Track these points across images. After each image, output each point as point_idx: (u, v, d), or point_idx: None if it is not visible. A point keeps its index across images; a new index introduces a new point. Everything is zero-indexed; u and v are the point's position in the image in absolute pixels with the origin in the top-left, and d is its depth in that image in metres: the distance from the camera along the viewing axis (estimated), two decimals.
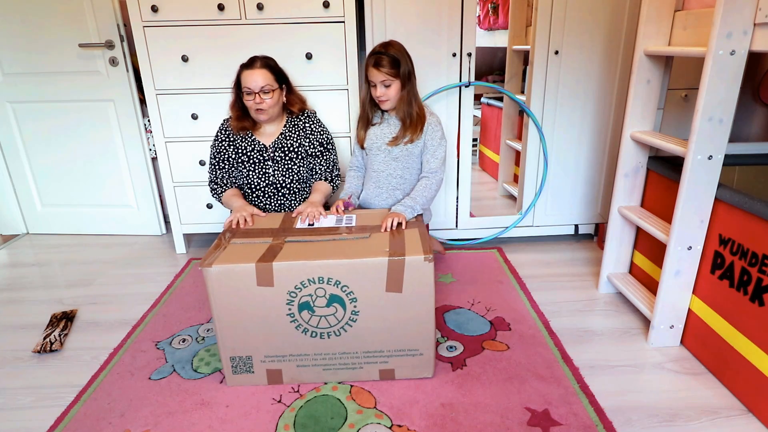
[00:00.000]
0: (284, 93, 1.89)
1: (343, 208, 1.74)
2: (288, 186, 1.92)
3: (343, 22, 2.06)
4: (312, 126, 1.95)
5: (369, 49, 2.08)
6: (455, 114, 2.22)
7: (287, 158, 1.90)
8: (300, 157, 1.91)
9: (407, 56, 1.73)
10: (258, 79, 1.78)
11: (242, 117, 1.88)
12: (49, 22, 2.35)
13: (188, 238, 2.58)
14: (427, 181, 1.78)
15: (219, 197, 1.93)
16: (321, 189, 1.91)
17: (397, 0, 2.03)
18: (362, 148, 1.89)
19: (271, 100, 1.81)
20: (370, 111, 1.83)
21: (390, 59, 1.68)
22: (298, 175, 1.92)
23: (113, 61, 2.39)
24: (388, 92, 1.72)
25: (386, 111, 1.82)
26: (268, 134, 1.91)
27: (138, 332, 1.81)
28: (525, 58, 2.86)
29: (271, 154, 1.89)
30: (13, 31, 2.38)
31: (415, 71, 1.77)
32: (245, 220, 1.66)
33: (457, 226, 2.42)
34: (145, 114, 2.51)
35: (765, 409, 1.33)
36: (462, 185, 2.34)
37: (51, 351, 1.71)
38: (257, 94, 1.78)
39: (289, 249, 1.43)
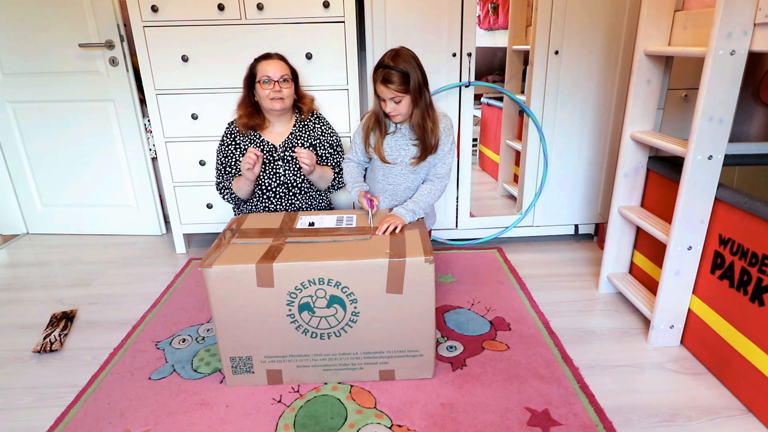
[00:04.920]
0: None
1: (371, 201, 1.66)
2: (299, 185, 1.91)
3: (343, 22, 2.06)
4: (323, 128, 1.95)
5: (369, 49, 2.08)
6: (455, 114, 2.22)
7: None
8: None
9: (417, 65, 1.58)
10: (278, 68, 1.80)
11: (253, 114, 1.87)
12: (49, 22, 2.35)
13: (188, 238, 2.58)
14: (432, 186, 1.72)
15: (230, 192, 1.91)
16: (325, 167, 1.92)
17: (397, 0, 2.03)
18: (384, 162, 1.72)
19: (289, 90, 1.83)
20: (383, 120, 1.69)
21: (399, 75, 1.54)
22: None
23: (113, 61, 2.39)
24: (399, 108, 1.61)
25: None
26: (277, 134, 1.90)
27: (138, 332, 1.81)
28: (525, 58, 2.86)
29: (281, 154, 1.88)
30: (13, 31, 2.38)
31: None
32: (255, 155, 1.71)
33: (457, 226, 2.42)
34: (145, 114, 2.51)
35: (765, 409, 1.33)
36: (462, 185, 2.34)
37: (51, 351, 1.71)
38: (277, 82, 1.79)
39: (289, 250, 1.43)
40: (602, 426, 1.32)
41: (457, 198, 2.37)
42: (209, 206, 2.36)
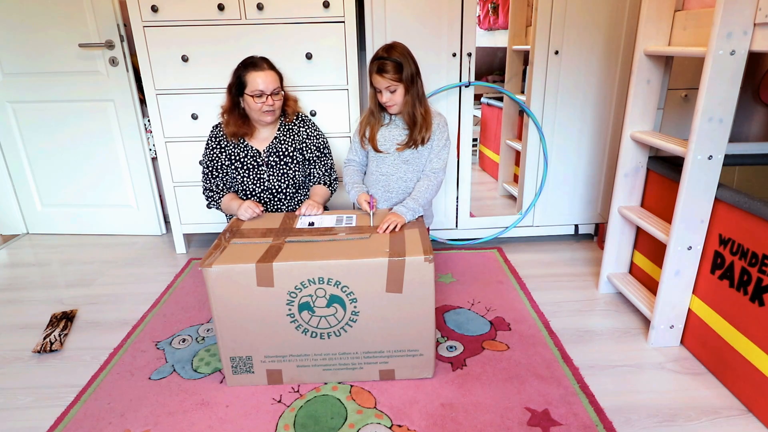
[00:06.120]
0: None
1: (371, 203, 1.68)
2: (284, 191, 1.90)
3: (343, 22, 2.06)
4: (308, 131, 1.92)
5: (369, 49, 2.08)
6: (455, 114, 2.22)
7: (282, 163, 1.87)
8: (295, 161, 1.89)
9: (411, 58, 1.67)
10: (269, 80, 1.75)
11: (242, 124, 1.82)
12: (49, 22, 2.35)
13: (188, 238, 2.58)
14: (428, 181, 1.75)
15: (217, 204, 1.91)
16: (319, 192, 1.89)
17: (397, 0, 2.03)
18: (377, 151, 1.78)
19: (280, 101, 1.81)
20: (378, 113, 1.77)
21: (393, 64, 1.63)
22: (293, 180, 1.90)
23: (113, 61, 2.39)
24: (394, 97, 1.68)
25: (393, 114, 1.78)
26: (262, 139, 1.88)
27: (138, 332, 1.81)
28: (525, 58, 2.86)
29: (265, 159, 1.86)
30: (13, 32, 2.38)
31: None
32: (255, 212, 1.71)
33: (457, 226, 2.42)
34: (145, 114, 2.52)
35: (765, 409, 1.33)
36: (462, 185, 2.34)
37: (51, 351, 1.71)
38: (270, 96, 1.76)
39: (289, 249, 1.43)
40: (602, 426, 1.32)
41: (457, 198, 2.37)
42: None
